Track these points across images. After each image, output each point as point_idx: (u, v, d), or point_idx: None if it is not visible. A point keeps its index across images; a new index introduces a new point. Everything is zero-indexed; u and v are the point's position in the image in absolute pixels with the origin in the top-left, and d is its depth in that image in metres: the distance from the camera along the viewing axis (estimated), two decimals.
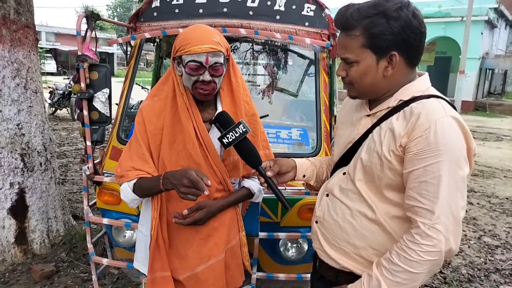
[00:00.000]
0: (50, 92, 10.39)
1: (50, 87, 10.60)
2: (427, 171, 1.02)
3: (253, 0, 2.30)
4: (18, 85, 2.96)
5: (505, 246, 3.80)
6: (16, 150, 2.97)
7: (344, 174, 1.24)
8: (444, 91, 16.47)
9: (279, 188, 1.34)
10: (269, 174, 1.32)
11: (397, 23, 1.05)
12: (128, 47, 2.60)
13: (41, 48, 18.44)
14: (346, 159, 1.25)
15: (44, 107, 3.27)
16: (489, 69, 20.06)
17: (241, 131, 1.32)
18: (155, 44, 3.16)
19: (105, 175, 2.17)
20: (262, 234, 1.98)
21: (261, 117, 1.61)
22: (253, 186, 1.52)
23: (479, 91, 19.18)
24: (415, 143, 1.04)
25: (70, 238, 3.31)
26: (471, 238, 3.95)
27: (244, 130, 1.32)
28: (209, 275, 1.45)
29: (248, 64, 3.20)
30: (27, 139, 3.04)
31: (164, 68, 3.21)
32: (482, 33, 16.80)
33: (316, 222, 1.32)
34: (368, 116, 1.21)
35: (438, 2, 17.26)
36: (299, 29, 2.29)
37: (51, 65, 26.51)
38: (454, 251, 1.05)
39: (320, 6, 2.31)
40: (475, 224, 4.34)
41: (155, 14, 2.42)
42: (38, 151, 3.13)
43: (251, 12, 2.30)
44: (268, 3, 2.29)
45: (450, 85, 18.32)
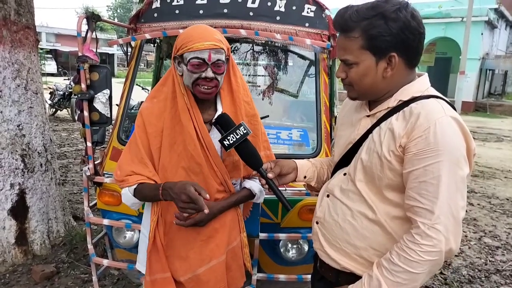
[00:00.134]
0: (51, 93, 10.38)
1: (50, 88, 10.59)
2: (427, 171, 1.02)
3: (253, 1, 2.30)
4: (19, 86, 2.96)
5: (505, 247, 3.80)
6: (16, 151, 2.98)
7: (344, 174, 1.25)
8: (444, 91, 16.48)
9: (280, 189, 1.34)
10: (270, 176, 1.32)
11: (395, 25, 1.06)
12: (129, 48, 2.61)
13: (41, 49, 18.44)
14: (346, 159, 1.25)
15: (44, 108, 3.27)
16: (489, 69, 20.05)
17: (241, 133, 1.32)
18: (156, 45, 3.17)
19: (105, 176, 2.17)
20: (263, 235, 1.98)
21: (261, 118, 1.61)
22: (254, 187, 1.52)
23: (480, 92, 19.17)
24: (414, 143, 1.04)
25: (70, 239, 3.31)
26: (471, 239, 3.94)
27: (245, 132, 1.32)
28: (210, 277, 1.45)
29: (249, 64, 3.20)
30: (27, 140, 3.05)
31: (165, 69, 3.21)
32: (482, 33, 16.80)
33: (317, 223, 1.32)
34: (368, 116, 1.21)
35: (438, 3, 17.28)
36: (299, 30, 2.29)
37: (51, 66, 26.52)
38: (454, 251, 1.05)
39: (320, 7, 2.31)
40: (476, 225, 4.33)
41: (155, 15, 2.43)
42: (38, 152, 3.13)
43: (251, 13, 2.31)
44: (268, 4, 2.30)
45: (451, 85, 18.32)
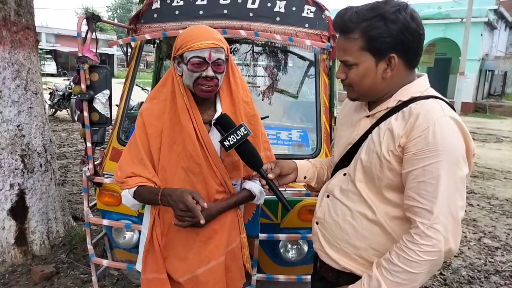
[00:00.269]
0: (50, 93, 10.38)
1: (50, 88, 10.57)
2: (426, 171, 1.02)
3: (253, 1, 2.31)
4: (19, 86, 2.96)
5: (505, 248, 3.80)
6: (16, 151, 2.97)
7: (344, 175, 1.25)
8: (444, 92, 16.44)
9: (280, 189, 1.34)
10: (270, 176, 1.32)
11: (395, 26, 1.06)
12: (128, 48, 2.61)
13: (41, 49, 18.46)
14: (346, 160, 1.25)
15: (44, 108, 3.27)
16: (489, 70, 20.06)
17: (242, 134, 1.32)
18: (155, 45, 3.17)
19: (105, 176, 2.17)
20: (262, 236, 1.98)
21: (261, 118, 1.61)
22: (254, 188, 1.52)
23: (479, 93, 19.19)
24: (413, 143, 1.04)
25: (70, 239, 3.31)
26: (471, 240, 3.94)
27: (245, 133, 1.33)
28: (209, 277, 1.45)
29: (248, 65, 3.20)
30: (27, 140, 3.05)
31: (164, 70, 3.21)
32: (482, 34, 16.82)
33: (317, 223, 1.32)
34: (368, 117, 1.21)
35: (438, 4, 17.31)
36: (299, 30, 2.30)
37: (51, 66, 26.52)
38: (454, 251, 1.05)
39: (320, 8, 2.32)
40: (475, 225, 4.33)
41: (155, 15, 2.43)
42: (38, 152, 3.13)
43: (251, 14, 2.31)
44: (268, 4, 2.30)
45: (450, 86, 18.34)
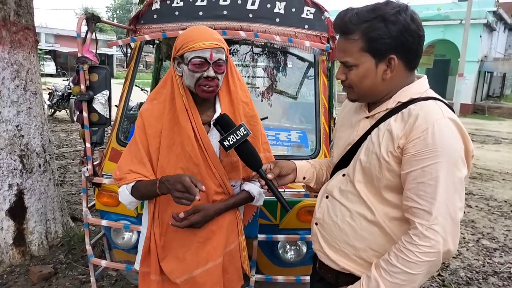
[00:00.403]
0: (49, 93, 10.37)
1: (49, 89, 10.57)
2: (425, 172, 1.03)
3: (253, 2, 2.31)
4: (18, 86, 2.96)
5: (503, 249, 3.81)
6: (15, 151, 2.97)
7: (343, 175, 1.25)
8: (443, 94, 16.53)
9: (279, 190, 1.34)
10: (269, 177, 1.32)
11: (395, 27, 1.06)
12: (128, 49, 2.61)
13: (40, 49, 18.44)
14: (345, 161, 1.25)
15: (43, 109, 3.27)
16: (487, 72, 20.10)
17: (242, 134, 1.32)
18: (155, 46, 3.17)
19: (104, 177, 2.17)
20: (261, 236, 1.98)
21: (260, 119, 1.61)
22: (253, 189, 1.52)
23: (478, 94, 19.22)
24: (412, 144, 1.04)
25: (68, 239, 3.31)
26: (469, 241, 3.95)
27: (245, 133, 1.33)
28: (206, 279, 1.45)
29: (248, 66, 3.21)
30: (26, 141, 3.04)
31: (164, 70, 3.22)
32: (481, 36, 16.86)
33: (316, 224, 1.32)
34: (367, 118, 1.22)
35: (437, 5, 17.35)
36: (298, 31, 2.30)
37: (50, 66, 26.50)
38: (452, 252, 1.05)
39: (319, 9, 2.32)
40: (474, 227, 4.34)
41: (155, 16, 2.43)
42: (37, 153, 3.13)
43: (251, 15, 2.31)
44: (268, 6, 2.31)
45: (449, 88, 18.36)
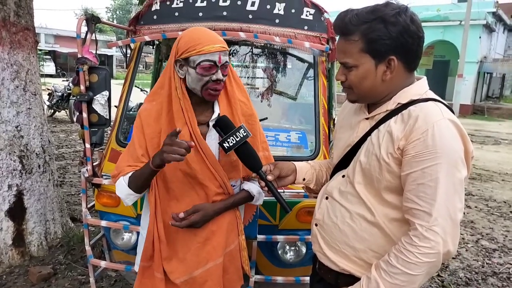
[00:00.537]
0: (49, 94, 10.36)
1: (49, 89, 10.57)
2: (425, 173, 1.03)
3: (252, 3, 2.31)
4: (17, 87, 2.96)
5: (502, 250, 3.81)
6: (14, 152, 2.97)
7: (343, 177, 1.25)
8: (442, 94, 16.55)
9: (279, 191, 1.34)
10: (269, 178, 1.32)
11: (395, 28, 1.07)
12: (128, 49, 2.61)
13: (40, 50, 18.41)
14: (345, 162, 1.25)
15: (43, 109, 3.27)
16: (487, 73, 20.13)
17: (241, 136, 1.32)
18: (155, 46, 3.17)
19: (103, 177, 2.17)
20: (261, 237, 1.98)
21: (260, 120, 1.61)
22: (252, 188, 1.52)
23: (477, 95, 19.24)
24: (413, 145, 1.04)
25: (68, 240, 3.30)
26: (468, 242, 3.95)
27: (244, 134, 1.33)
28: (206, 279, 1.45)
29: (248, 67, 3.21)
30: (25, 141, 3.04)
31: None
32: (480, 37, 16.88)
33: (316, 225, 1.32)
34: (367, 119, 1.22)
35: (437, 6, 17.38)
36: (298, 32, 2.30)
37: (50, 67, 26.45)
38: (452, 253, 1.05)
39: (319, 10, 2.32)
40: (473, 227, 4.34)
41: (155, 17, 2.43)
42: (36, 153, 3.13)
43: (250, 16, 2.31)
44: (268, 6, 2.31)
45: (449, 88, 18.37)
